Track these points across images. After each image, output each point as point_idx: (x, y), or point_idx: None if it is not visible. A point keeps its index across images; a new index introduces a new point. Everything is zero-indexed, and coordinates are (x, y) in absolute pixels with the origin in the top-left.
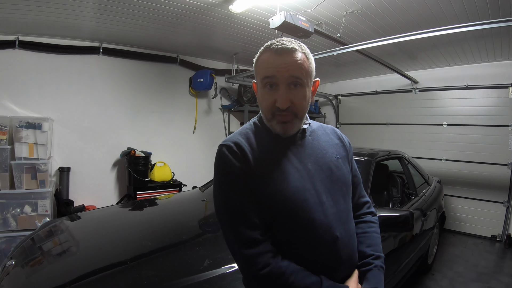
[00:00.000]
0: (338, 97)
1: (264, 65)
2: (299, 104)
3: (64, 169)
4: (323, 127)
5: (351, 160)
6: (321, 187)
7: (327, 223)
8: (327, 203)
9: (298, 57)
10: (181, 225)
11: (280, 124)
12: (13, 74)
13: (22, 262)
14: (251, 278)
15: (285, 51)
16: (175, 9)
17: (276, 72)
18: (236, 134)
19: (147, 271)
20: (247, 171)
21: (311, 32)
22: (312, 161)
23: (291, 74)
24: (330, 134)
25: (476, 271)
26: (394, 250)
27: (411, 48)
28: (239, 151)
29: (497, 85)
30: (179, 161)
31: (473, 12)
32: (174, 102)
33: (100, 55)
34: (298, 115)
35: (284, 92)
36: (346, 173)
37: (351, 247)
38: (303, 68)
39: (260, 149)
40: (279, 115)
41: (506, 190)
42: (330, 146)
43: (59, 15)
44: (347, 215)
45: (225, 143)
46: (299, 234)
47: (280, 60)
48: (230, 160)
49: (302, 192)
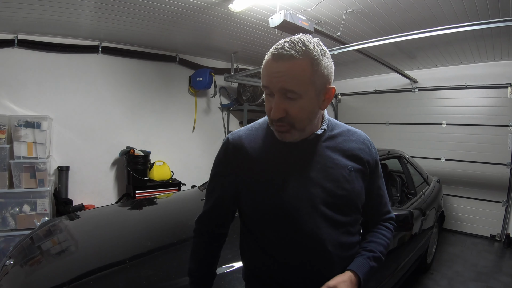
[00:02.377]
0: (338, 96)
1: (263, 71)
2: (295, 115)
3: (63, 168)
4: (350, 132)
5: (374, 174)
6: (321, 198)
7: (319, 235)
8: (323, 215)
9: (295, 66)
10: (180, 224)
11: (277, 132)
12: (12, 73)
13: (21, 261)
14: None
15: (280, 57)
16: (174, 7)
17: (269, 82)
18: (245, 128)
19: (146, 271)
20: (238, 167)
21: (311, 31)
22: (317, 169)
23: (282, 86)
24: (354, 142)
25: (475, 271)
26: (394, 249)
27: (410, 48)
28: (239, 146)
29: (496, 85)
30: (178, 160)
31: (473, 12)
32: (173, 101)
33: (99, 54)
34: (296, 125)
35: (277, 102)
36: (357, 187)
37: (347, 262)
38: (299, 79)
39: (264, 148)
40: (275, 124)
41: (505, 189)
42: (348, 155)
43: (58, 14)
44: (346, 229)
45: (230, 136)
46: (286, 241)
47: (275, 68)
48: (226, 153)
49: (294, 201)
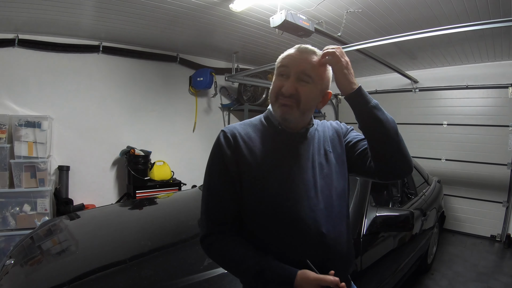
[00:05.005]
0: (338, 96)
1: (284, 56)
2: (303, 95)
3: (63, 168)
4: (324, 123)
5: (348, 133)
6: (311, 183)
7: (313, 218)
8: (315, 198)
9: (315, 59)
10: (181, 224)
11: (281, 106)
12: (13, 73)
13: (21, 261)
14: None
15: (305, 50)
16: (175, 7)
17: (290, 63)
18: (238, 123)
19: (146, 271)
20: (236, 159)
21: (312, 31)
22: (306, 158)
23: (302, 69)
24: (329, 128)
25: (476, 271)
26: (394, 249)
27: (411, 48)
28: (233, 139)
29: (497, 85)
30: (178, 160)
31: (474, 12)
32: (173, 101)
33: (100, 53)
34: (300, 105)
35: (292, 81)
36: (343, 169)
37: (342, 245)
38: (316, 69)
39: (257, 141)
40: (282, 98)
41: (506, 190)
42: (326, 141)
43: (59, 13)
44: (338, 212)
45: (223, 130)
46: (284, 227)
47: (298, 55)
48: (222, 146)
49: (289, 187)
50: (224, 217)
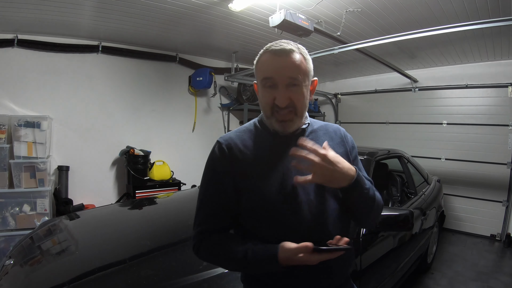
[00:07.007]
0: (338, 95)
1: (263, 66)
2: (298, 101)
3: (63, 168)
4: (326, 126)
5: (353, 159)
6: (308, 187)
7: (311, 219)
8: (313, 199)
9: (296, 58)
10: (180, 224)
11: (279, 123)
12: (12, 73)
13: (21, 261)
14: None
15: (283, 52)
16: (174, 7)
17: (274, 73)
18: (232, 132)
19: (146, 271)
20: (231, 170)
21: (311, 30)
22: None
23: (288, 76)
24: (331, 133)
25: (476, 270)
26: (394, 249)
27: (410, 47)
28: (228, 150)
29: (496, 84)
30: (178, 160)
31: (473, 11)
32: (173, 101)
33: (99, 53)
34: (298, 112)
35: (283, 91)
36: None
37: None
38: (300, 69)
39: (253, 147)
40: (278, 113)
41: (506, 189)
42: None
43: (58, 13)
44: (337, 212)
45: (219, 140)
46: (281, 228)
47: (278, 61)
48: (217, 158)
49: (286, 190)
50: (214, 226)
